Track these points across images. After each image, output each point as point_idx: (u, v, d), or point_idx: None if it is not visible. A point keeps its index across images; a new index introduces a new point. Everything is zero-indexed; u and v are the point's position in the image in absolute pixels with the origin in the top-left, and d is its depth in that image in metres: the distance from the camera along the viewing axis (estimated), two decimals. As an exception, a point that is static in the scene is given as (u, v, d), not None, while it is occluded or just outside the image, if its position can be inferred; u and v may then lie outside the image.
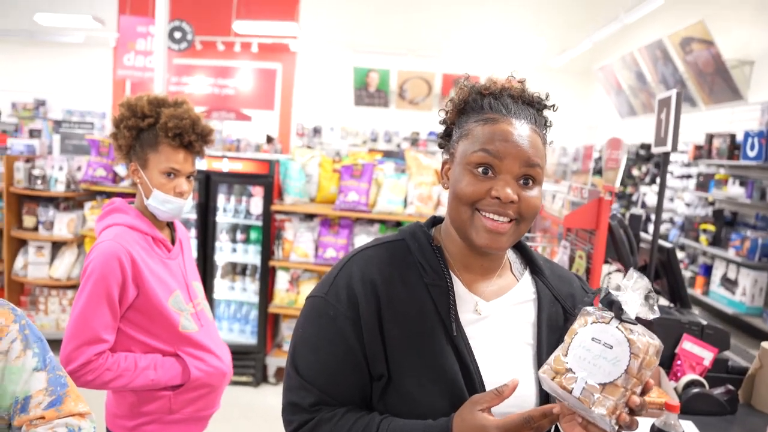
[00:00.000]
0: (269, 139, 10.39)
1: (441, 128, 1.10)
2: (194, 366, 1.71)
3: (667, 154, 2.26)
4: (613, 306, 0.90)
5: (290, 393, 1.02)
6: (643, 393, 0.87)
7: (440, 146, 1.10)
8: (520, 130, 0.97)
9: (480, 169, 0.96)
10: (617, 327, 0.87)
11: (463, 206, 0.97)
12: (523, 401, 1.01)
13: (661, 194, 2.33)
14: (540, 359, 1.04)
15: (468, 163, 0.97)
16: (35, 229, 4.43)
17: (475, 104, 1.02)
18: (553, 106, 1.07)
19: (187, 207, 1.77)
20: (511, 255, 1.15)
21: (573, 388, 0.85)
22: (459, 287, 1.03)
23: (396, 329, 0.98)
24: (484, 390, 0.97)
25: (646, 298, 0.89)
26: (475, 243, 0.97)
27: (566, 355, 0.88)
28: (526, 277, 1.12)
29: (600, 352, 0.86)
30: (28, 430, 1.05)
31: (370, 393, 1.01)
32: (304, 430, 0.99)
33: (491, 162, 0.96)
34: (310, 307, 1.04)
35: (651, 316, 0.90)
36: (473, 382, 0.98)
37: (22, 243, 4.52)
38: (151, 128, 1.70)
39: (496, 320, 1.04)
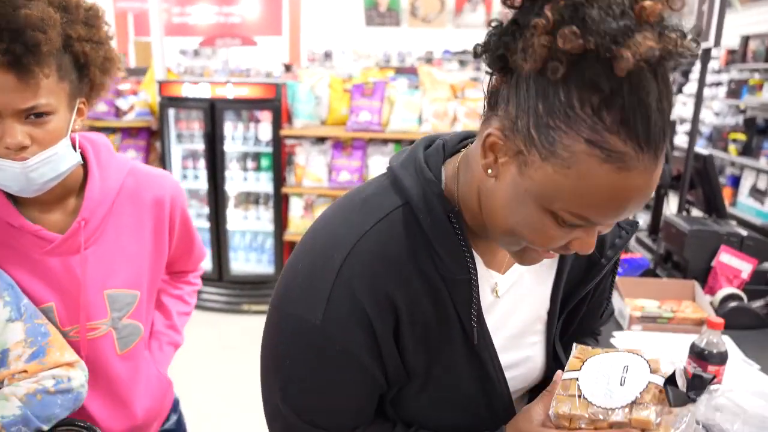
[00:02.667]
0: (287, 68, 10.04)
1: (453, 45, 0.77)
2: None
3: (707, 52, 2.03)
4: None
5: None
6: None
7: (495, 64, 0.64)
8: (652, 181, 0.60)
9: (567, 224, 0.64)
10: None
11: (519, 242, 0.69)
12: (531, 372, 0.90)
13: (699, 96, 2.13)
14: (551, 321, 0.89)
15: (552, 212, 0.63)
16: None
17: (597, 79, 0.56)
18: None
19: (53, 170, 1.00)
20: None
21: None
22: (481, 268, 0.79)
23: (412, 344, 0.75)
24: (508, 398, 0.84)
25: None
26: (518, 261, 0.75)
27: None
28: None
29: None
30: (9, 383, 0.96)
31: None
32: None
33: (589, 225, 0.64)
34: (296, 333, 0.74)
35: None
36: (495, 392, 0.82)
37: None
38: None
39: (511, 297, 0.84)
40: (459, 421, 0.82)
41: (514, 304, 0.84)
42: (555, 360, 0.91)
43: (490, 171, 0.67)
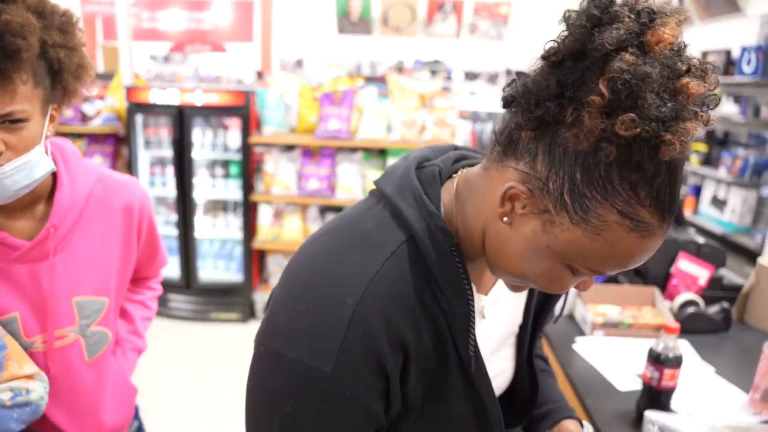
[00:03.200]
0: (260, 75, 9.98)
1: (424, 54, 0.78)
2: None
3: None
4: None
5: None
6: None
7: (532, 124, 0.63)
8: (657, 244, 0.65)
9: (581, 273, 0.68)
10: None
11: (527, 283, 0.73)
12: (504, 383, 0.94)
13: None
14: (523, 334, 0.94)
15: (572, 266, 0.66)
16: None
17: (641, 161, 0.58)
18: None
19: (27, 177, 0.99)
20: None
21: None
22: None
23: (414, 378, 0.73)
24: (497, 420, 0.83)
25: None
26: (508, 288, 0.78)
27: None
28: None
29: None
30: None
31: None
32: None
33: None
34: (302, 381, 0.68)
35: None
36: (488, 420, 0.81)
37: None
38: None
39: (493, 316, 0.86)
40: None
41: (495, 322, 0.86)
42: (529, 368, 0.95)
43: (506, 219, 0.67)
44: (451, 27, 11.26)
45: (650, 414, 1.28)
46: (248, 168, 3.86)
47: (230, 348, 3.69)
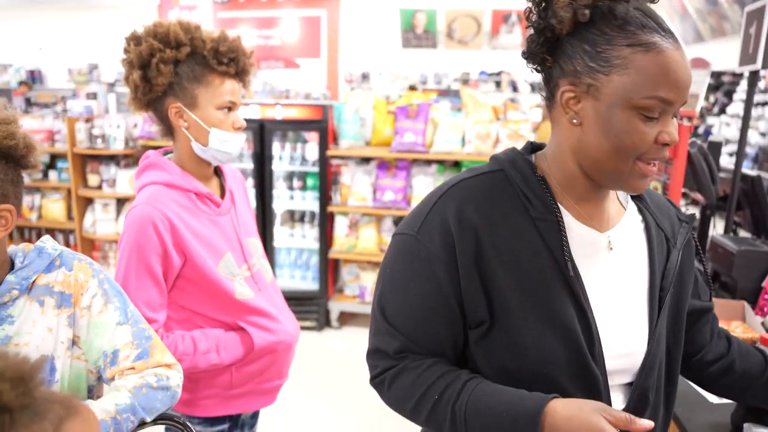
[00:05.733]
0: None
1: (489, 66, 0.99)
2: (258, 336, 1.51)
3: (755, 73, 2.07)
4: None
5: (376, 338, 0.96)
6: None
7: (539, 66, 0.89)
8: (684, 58, 0.81)
9: (647, 115, 0.81)
10: None
11: (627, 158, 0.83)
12: (633, 355, 0.95)
13: (746, 117, 2.16)
14: (652, 298, 0.96)
15: (633, 107, 0.81)
16: (99, 187, 4.57)
17: (608, 13, 0.81)
18: None
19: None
20: None
21: None
22: (570, 220, 0.92)
23: (501, 271, 0.87)
24: (599, 337, 0.90)
25: None
26: (633, 188, 0.87)
27: None
28: (632, 205, 1.02)
29: None
30: (120, 378, 1.07)
31: (463, 342, 0.93)
32: (387, 376, 0.94)
33: (663, 108, 0.81)
34: (399, 245, 0.93)
35: None
36: (590, 328, 0.89)
37: (89, 201, 4.69)
38: (191, 58, 1.44)
39: (611, 253, 0.95)
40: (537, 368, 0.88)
41: (612, 259, 0.94)
42: (658, 345, 0.96)
43: (575, 121, 0.86)
44: (516, 38, 11.19)
45: (751, 427, 1.27)
46: (325, 180, 4.01)
47: (305, 356, 3.80)
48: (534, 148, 0.99)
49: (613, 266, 0.94)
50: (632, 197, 1.03)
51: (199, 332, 1.46)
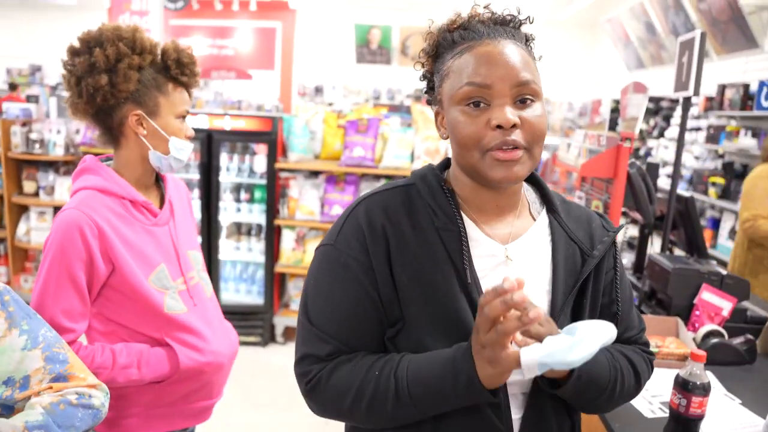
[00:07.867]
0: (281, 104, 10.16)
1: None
2: (184, 354, 1.44)
3: (688, 99, 2.16)
4: None
5: (305, 345, 0.98)
6: None
7: (429, 102, 1.03)
8: (500, 47, 0.90)
9: (471, 104, 0.89)
10: None
11: (471, 151, 0.90)
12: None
13: (680, 141, 2.25)
14: (555, 306, 0.98)
15: (457, 102, 0.90)
16: (36, 194, 4.37)
17: (446, 43, 0.95)
18: (528, 18, 0.99)
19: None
20: (530, 195, 1.08)
21: None
22: (473, 231, 0.97)
23: (405, 276, 0.93)
24: None
25: None
26: (492, 179, 0.90)
27: None
28: (543, 217, 1.04)
29: None
30: (35, 397, 1.00)
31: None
32: (323, 375, 0.95)
33: (480, 93, 0.88)
34: (321, 257, 0.99)
35: None
36: None
37: (24, 209, 4.47)
38: (151, 66, 1.45)
39: (512, 265, 0.98)
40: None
41: (514, 270, 0.97)
42: None
43: (444, 135, 0.98)
44: (468, 57, 11.45)
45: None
46: (273, 193, 3.95)
47: (249, 371, 3.72)
48: (450, 163, 1.06)
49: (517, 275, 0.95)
50: (547, 210, 1.06)
51: (121, 345, 1.40)
